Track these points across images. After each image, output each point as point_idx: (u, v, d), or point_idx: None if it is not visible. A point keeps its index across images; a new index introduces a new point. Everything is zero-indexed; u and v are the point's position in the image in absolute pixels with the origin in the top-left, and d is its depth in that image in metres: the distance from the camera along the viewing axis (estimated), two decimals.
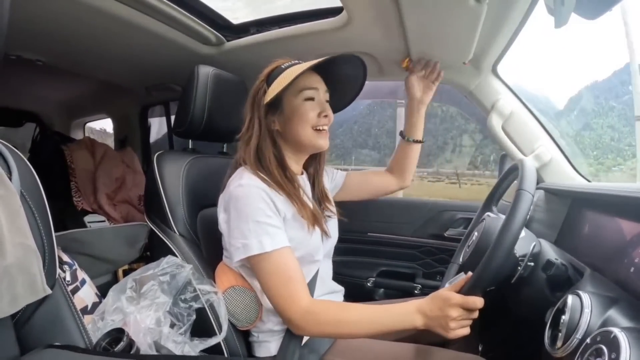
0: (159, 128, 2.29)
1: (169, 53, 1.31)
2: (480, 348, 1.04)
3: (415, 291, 1.44)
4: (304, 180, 0.91)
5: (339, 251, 0.99)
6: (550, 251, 0.80)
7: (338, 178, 1.08)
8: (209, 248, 0.95)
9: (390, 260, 1.52)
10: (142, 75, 1.61)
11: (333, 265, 1.00)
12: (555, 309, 0.61)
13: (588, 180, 1.12)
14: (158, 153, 1.00)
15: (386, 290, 1.52)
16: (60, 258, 1.05)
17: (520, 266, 0.76)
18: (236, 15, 1.26)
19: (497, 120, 1.17)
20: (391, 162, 1.15)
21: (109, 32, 1.14)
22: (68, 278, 1.04)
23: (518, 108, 1.17)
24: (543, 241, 0.84)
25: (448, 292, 0.68)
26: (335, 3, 1.01)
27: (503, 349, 1.04)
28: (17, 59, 1.36)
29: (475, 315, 0.67)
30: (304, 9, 1.14)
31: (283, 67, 0.83)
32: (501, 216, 0.88)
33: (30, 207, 0.51)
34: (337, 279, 1.01)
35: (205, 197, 1.00)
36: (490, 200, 1.02)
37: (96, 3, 0.97)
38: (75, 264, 1.11)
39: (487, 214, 0.95)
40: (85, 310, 1.02)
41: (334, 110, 0.88)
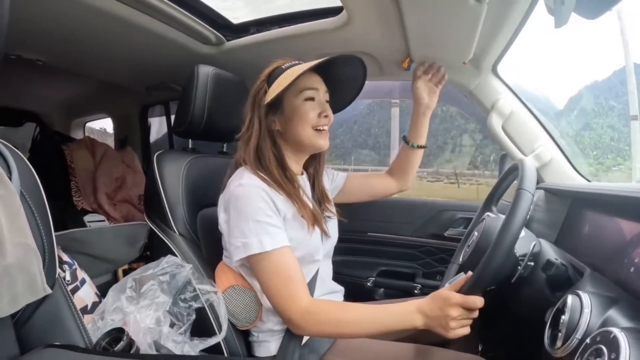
0: (159, 128, 2.29)
1: (169, 53, 1.31)
2: (480, 348, 1.04)
3: (415, 291, 1.44)
4: (304, 181, 0.91)
5: (339, 251, 0.99)
6: (550, 251, 0.80)
7: (338, 179, 1.08)
8: (209, 248, 0.95)
9: (390, 260, 1.52)
10: (142, 74, 1.61)
11: (333, 265, 1.00)
12: (555, 308, 0.61)
13: (588, 180, 1.12)
14: (158, 153, 1.00)
15: (386, 290, 1.52)
16: (60, 258, 1.05)
17: (520, 266, 0.76)
18: (236, 14, 1.27)
19: (497, 120, 1.17)
20: (392, 166, 1.15)
21: (109, 32, 1.14)
22: (68, 278, 1.04)
23: (518, 108, 1.17)
24: (543, 241, 0.84)
25: (448, 292, 0.68)
26: (335, 3, 1.00)
27: (503, 349, 1.04)
28: (17, 59, 1.36)
29: (476, 314, 0.67)
30: (304, 9, 1.14)
31: (283, 68, 0.83)
32: (501, 216, 0.88)
33: (30, 207, 0.51)
34: (337, 279, 1.01)
35: (205, 197, 1.00)
36: (490, 200, 1.02)
37: (96, 3, 0.97)
38: (75, 263, 1.11)
39: (487, 213, 0.95)
40: (85, 310, 1.02)
41: (334, 111, 0.89)
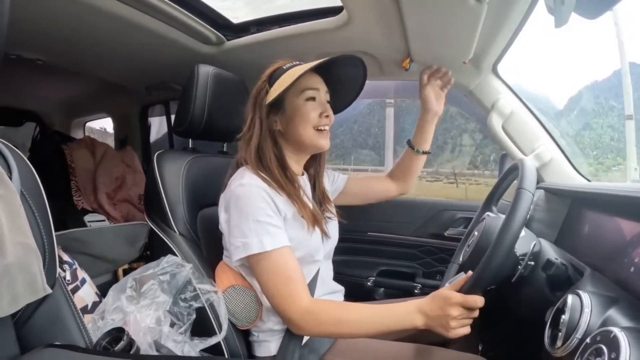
0: (159, 127, 2.29)
1: (169, 52, 1.31)
2: (480, 347, 1.04)
3: (415, 290, 1.44)
4: (304, 181, 0.92)
5: (339, 250, 0.99)
6: (550, 251, 0.80)
7: (339, 181, 1.08)
8: (209, 247, 0.95)
9: (390, 259, 1.52)
10: (143, 74, 1.61)
11: (333, 264, 1.00)
12: (555, 308, 0.61)
13: (588, 180, 1.12)
14: (158, 152, 1.00)
15: (386, 290, 1.52)
16: (60, 257, 1.06)
17: (521, 265, 0.76)
18: (236, 14, 1.26)
19: (497, 120, 1.17)
20: (394, 169, 1.14)
21: (109, 32, 1.14)
22: (68, 277, 1.04)
23: (518, 108, 1.17)
24: (543, 241, 0.84)
25: (448, 292, 0.68)
26: (335, 2, 1.00)
27: (503, 349, 1.04)
28: (17, 59, 1.36)
29: (476, 314, 0.67)
30: (304, 9, 1.14)
31: (285, 68, 0.83)
32: (501, 216, 0.88)
33: (31, 207, 0.51)
34: (337, 279, 1.01)
35: (206, 197, 1.00)
36: (490, 200, 1.02)
37: (96, 2, 0.97)
38: (76, 263, 1.11)
39: (487, 213, 0.95)
40: (85, 310, 1.02)
41: (335, 111, 0.89)
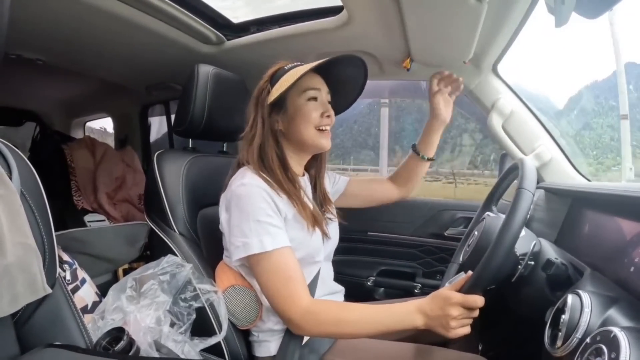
0: (159, 127, 2.29)
1: (169, 52, 1.31)
2: (480, 347, 1.04)
3: (416, 290, 1.44)
4: (305, 182, 0.92)
5: (339, 250, 0.99)
6: (550, 250, 0.80)
7: (340, 183, 1.08)
8: (209, 247, 0.96)
9: (390, 259, 1.52)
10: (143, 74, 1.61)
11: (333, 264, 1.00)
12: (555, 308, 0.61)
13: (588, 179, 1.12)
14: (158, 152, 1.00)
15: (386, 290, 1.52)
16: (60, 257, 1.06)
17: (521, 265, 0.76)
18: (236, 14, 1.26)
19: (498, 120, 1.16)
20: (397, 173, 1.14)
21: (109, 31, 1.14)
22: (68, 277, 1.04)
23: (518, 107, 1.16)
24: (543, 240, 0.84)
25: (448, 292, 0.68)
26: (335, 2, 1.00)
27: (503, 348, 1.04)
28: (18, 58, 1.36)
29: (476, 314, 0.67)
30: (304, 8, 1.14)
31: (286, 68, 0.84)
32: (501, 215, 0.88)
33: (31, 206, 0.51)
34: (337, 278, 1.01)
35: (206, 196, 1.00)
36: (491, 200, 1.02)
37: (96, 2, 0.97)
38: (76, 263, 1.11)
39: (487, 213, 0.95)
40: (85, 310, 1.02)
41: (336, 112, 0.89)
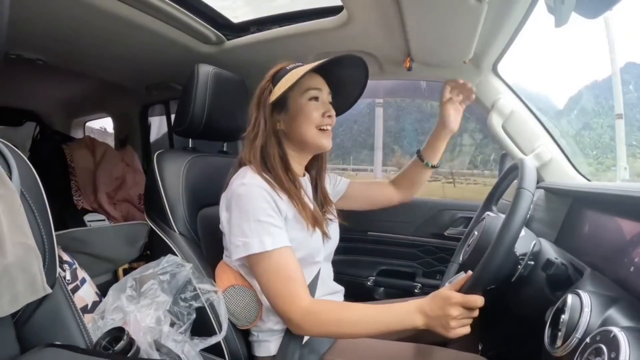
0: (159, 127, 2.29)
1: (169, 52, 1.31)
2: (480, 347, 1.03)
3: (416, 290, 1.44)
4: (305, 182, 0.92)
5: (339, 250, 0.99)
6: (550, 250, 0.80)
7: (341, 185, 1.08)
8: (209, 247, 0.96)
9: (390, 259, 1.52)
10: (143, 74, 1.61)
11: (333, 264, 1.00)
12: (555, 308, 0.61)
13: (588, 179, 1.12)
14: (158, 152, 1.00)
15: (386, 289, 1.52)
16: (60, 257, 1.06)
17: (521, 265, 0.76)
18: (236, 14, 1.26)
19: (498, 120, 1.16)
20: (399, 177, 1.13)
21: (109, 31, 1.14)
22: (68, 277, 1.04)
23: (518, 107, 1.16)
24: (543, 240, 0.84)
25: (448, 291, 0.68)
26: (335, 2, 1.00)
27: (503, 348, 1.04)
28: (18, 58, 1.36)
29: (476, 314, 0.67)
30: (304, 8, 1.14)
31: (288, 69, 0.85)
32: (501, 215, 0.88)
33: (31, 206, 0.51)
34: (337, 278, 1.01)
35: (206, 196, 1.00)
36: (490, 200, 1.02)
37: (96, 2, 0.97)
38: (76, 263, 1.11)
39: (487, 213, 0.95)
40: (85, 309, 1.02)
41: (336, 113, 0.89)
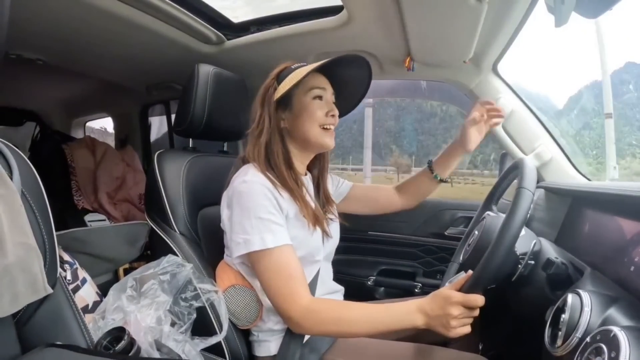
0: (159, 127, 2.29)
1: (170, 52, 1.31)
2: (480, 347, 1.04)
3: (416, 290, 1.44)
4: (307, 181, 0.92)
5: (339, 250, 0.99)
6: (550, 250, 0.80)
7: (343, 187, 1.08)
8: (210, 247, 0.96)
9: (390, 258, 1.52)
10: (143, 74, 1.61)
11: (333, 263, 1.00)
12: (555, 307, 0.61)
13: (588, 179, 1.12)
14: (158, 152, 1.00)
15: (387, 289, 1.52)
16: (61, 257, 1.06)
17: (521, 265, 0.76)
18: (236, 13, 1.26)
19: None
20: (404, 184, 1.11)
21: (109, 31, 1.14)
22: (69, 277, 1.04)
23: (518, 107, 1.17)
24: (543, 240, 0.84)
25: (449, 291, 0.68)
26: (335, 2, 1.01)
27: (503, 348, 1.04)
28: (18, 58, 1.36)
29: (476, 313, 0.67)
30: (304, 8, 1.14)
31: (292, 68, 0.85)
32: (501, 215, 0.88)
33: (31, 206, 0.51)
34: (338, 278, 1.01)
35: (206, 196, 1.00)
36: (491, 199, 1.02)
37: (97, 2, 0.97)
38: (76, 263, 1.11)
39: (487, 212, 0.95)
40: (86, 309, 1.02)
41: (339, 115, 0.89)
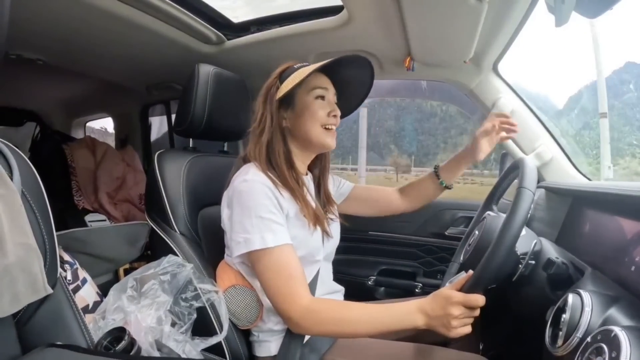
0: (159, 127, 2.29)
1: (170, 52, 1.31)
2: (481, 347, 1.03)
3: (416, 290, 1.44)
4: (308, 180, 0.92)
5: (339, 250, 0.99)
6: (551, 250, 0.80)
7: (344, 188, 1.08)
8: (210, 247, 0.96)
9: (391, 258, 1.52)
10: (143, 74, 1.61)
11: (334, 263, 1.00)
12: (556, 307, 0.61)
13: (589, 178, 1.12)
14: (159, 152, 1.00)
15: (387, 289, 1.52)
16: (61, 257, 1.06)
17: (521, 264, 0.75)
18: (236, 13, 1.26)
19: None
20: (409, 187, 1.10)
21: (109, 31, 1.14)
22: (69, 277, 1.04)
23: (519, 107, 1.17)
24: (544, 240, 0.84)
25: (449, 291, 0.68)
26: (335, 2, 1.00)
27: (504, 348, 1.04)
28: (18, 58, 1.36)
29: (477, 313, 0.67)
30: (303, 8, 1.14)
31: (295, 67, 0.85)
32: (502, 215, 0.88)
33: (32, 206, 0.51)
34: (338, 278, 1.01)
35: (206, 196, 1.00)
36: (491, 199, 1.02)
37: (97, 2, 0.97)
38: (77, 263, 1.11)
39: (488, 212, 0.95)
40: (86, 309, 1.02)
41: (341, 115, 0.89)
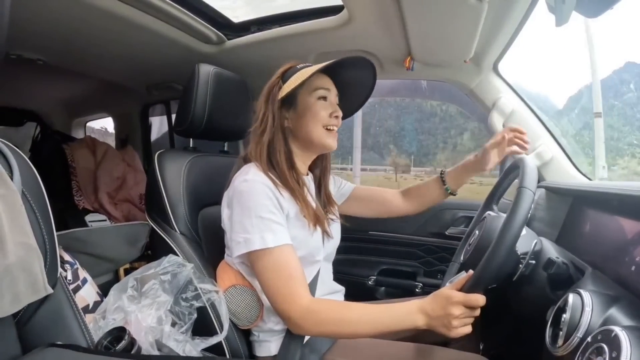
0: (160, 127, 2.29)
1: (170, 52, 1.31)
2: (481, 346, 1.03)
3: (417, 289, 1.44)
4: (308, 181, 0.92)
5: (340, 250, 0.99)
6: (551, 250, 0.80)
7: (345, 188, 1.08)
8: (210, 247, 0.96)
9: (391, 258, 1.52)
10: (143, 74, 1.61)
11: (334, 263, 1.00)
12: (556, 307, 0.61)
13: (589, 178, 1.12)
14: (159, 152, 1.00)
15: (387, 289, 1.52)
16: (61, 257, 1.05)
17: (522, 264, 0.75)
18: (236, 13, 1.27)
19: (498, 119, 1.16)
20: (412, 190, 1.09)
21: (109, 31, 1.14)
22: (69, 277, 1.04)
23: (519, 106, 1.17)
24: (544, 240, 0.84)
25: (450, 291, 0.68)
26: (335, 2, 1.01)
27: (504, 348, 1.04)
28: (18, 58, 1.36)
29: (477, 313, 0.67)
30: (303, 8, 1.14)
31: (298, 68, 0.85)
32: (502, 215, 0.88)
33: (32, 206, 0.51)
34: (338, 278, 1.01)
35: (206, 196, 1.00)
36: (491, 199, 1.01)
37: (97, 2, 0.97)
38: (77, 263, 1.11)
39: (488, 212, 0.95)
40: (86, 309, 1.02)
41: (342, 116, 0.89)
